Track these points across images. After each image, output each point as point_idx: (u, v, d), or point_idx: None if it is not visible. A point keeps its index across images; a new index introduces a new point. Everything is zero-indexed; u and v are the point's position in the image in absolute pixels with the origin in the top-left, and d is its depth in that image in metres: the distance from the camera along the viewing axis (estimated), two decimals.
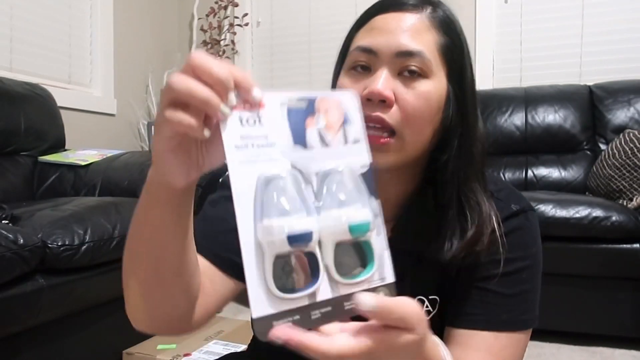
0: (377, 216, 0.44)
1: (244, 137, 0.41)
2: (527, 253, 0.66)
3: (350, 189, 0.44)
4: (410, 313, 0.40)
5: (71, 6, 2.52)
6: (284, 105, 0.43)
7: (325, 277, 0.41)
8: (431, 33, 0.63)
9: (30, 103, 1.96)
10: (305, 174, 0.43)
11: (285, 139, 0.43)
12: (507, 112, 2.51)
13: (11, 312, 1.18)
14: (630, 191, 1.99)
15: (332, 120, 0.45)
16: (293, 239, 0.39)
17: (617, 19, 2.56)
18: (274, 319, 0.39)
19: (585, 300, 1.86)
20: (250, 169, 0.41)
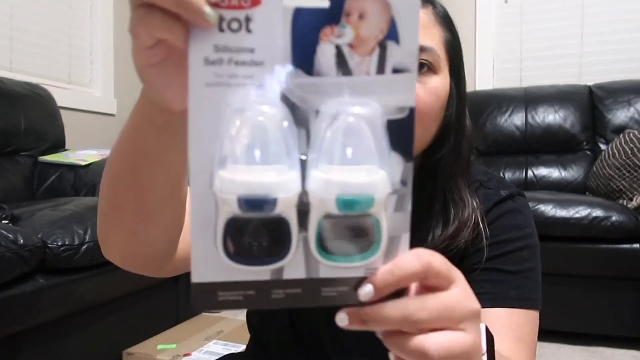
0: (404, 184, 0.32)
1: (220, 48, 0.29)
2: (524, 233, 0.67)
3: (364, 143, 0.30)
4: (412, 263, 0.33)
5: (71, 6, 2.52)
6: (292, 2, 0.30)
7: (301, 252, 0.31)
8: (437, 28, 0.64)
9: (30, 103, 1.96)
10: (300, 112, 0.31)
11: (279, 57, 0.30)
12: (507, 112, 2.51)
13: (11, 312, 1.18)
14: (630, 191, 1.99)
15: (367, 32, 0.31)
16: (246, 204, 0.29)
17: (617, 19, 2.56)
18: (220, 289, 0.31)
19: (585, 300, 1.86)
20: (218, 95, 0.30)
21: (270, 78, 0.30)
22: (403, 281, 0.33)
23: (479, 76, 2.77)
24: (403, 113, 0.32)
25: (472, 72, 2.77)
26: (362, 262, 0.32)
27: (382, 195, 0.31)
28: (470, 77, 2.77)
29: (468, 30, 2.77)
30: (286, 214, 0.30)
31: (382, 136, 0.31)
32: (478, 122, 2.55)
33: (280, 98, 0.30)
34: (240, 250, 0.31)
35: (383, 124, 0.31)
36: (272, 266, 0.31)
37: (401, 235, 0.33)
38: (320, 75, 0.30)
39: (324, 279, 0.32)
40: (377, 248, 0.32)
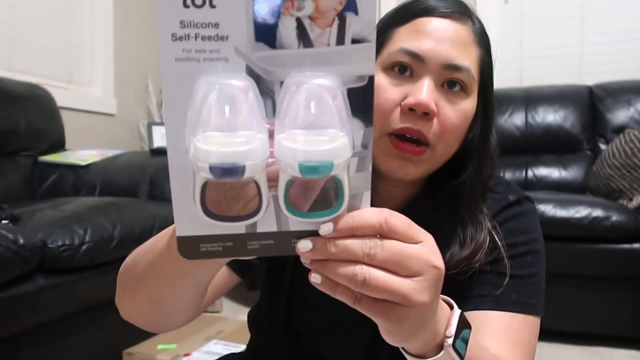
0: (365, 147, 0.35)
1: (187, 23, 0.30)
2: (529, 238, 0.66)
3: (326, 110, 0.32)
4: (371, 216, 0.36)
5: (71, 6, 2.52)
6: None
7: (272, 208, 0.34)
8: (474, 47, 0.62)
9: (30, 103, 1.96)
10: (266, 83, 0.32)
11: (243, 32, 0.31)
12: (507, 112, 2.52)
13: (11, 312, 1.18)
14: (630, 191, 1.99)
15: (326, 5, 0.32)
16: (217, 171, 0.31)
17: (617, 19, 2.56)
18: (201, 241, 0.35)
19: (585, 300, 1.86)
20: (188, 69, 0.31)
21: (235, 52, 0.31)
22: (361, 229, 0.35)
23: None
24: (363, 81, 0.33)
25: None
26: (326, 217, 0.35)
27: (342, 160, 0.32)
28: None
29: None
30: (256, 177, 0.32)
31: (343, 104, 0.33)
32: None
33: (245, 71, 0.32)
34: (223, 207, 0.33)
35: (343, 93, 0.33)
36: (246, 222, 0.34)
37: (363, 193, 0.36)
38: (282, 48, 0.32)
39: (293, 231, 0.35)
40: (341, 204, 0.35)
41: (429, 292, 0.37)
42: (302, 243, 0.35)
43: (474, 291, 0.63)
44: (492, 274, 0.63)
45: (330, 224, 0.35)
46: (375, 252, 0.35)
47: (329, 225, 0.35)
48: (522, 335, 0.61)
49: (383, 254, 0.35)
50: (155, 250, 0.49)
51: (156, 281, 0.49)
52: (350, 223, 0.35)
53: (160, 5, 0.30)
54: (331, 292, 0.37)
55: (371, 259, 0.35)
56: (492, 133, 0.67)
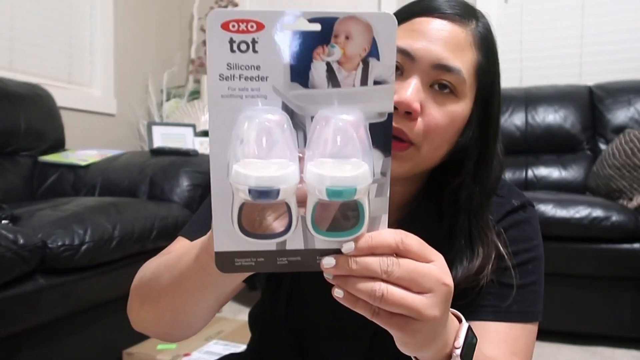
0: (384, 175, 0.39)
1: (232, 65, 0.36)
2: (530, 245, 0.66)
3: (350, 142, 0.37)
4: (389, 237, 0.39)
5: (71, 6, 2.52)
6: (289, 27, 0.36)
7: (300, 228, 0.39)
8: (472, 51, 0.60)
9: (30, 103, 1.96)
10: (299, 117, 0.37)
11: (280, 73, 0.36)
12: (507, 112, 2.52)
13: (11, 312, 1.18)
14: (630, 191, 1.99)
15: (352, 51, 0.37)
16: (255, 194, 0.35)
17: (617, 19, 2.56)
18: (236, 256, 0.39)
19: (585, 300, 1.86)
20: (232, 105, 0.36)
21: (273, 91, 0.36)
22: (379, 248, 0.39)
23: None
24: (383, 117, 0.38)
25: None
26: (348, 237, 0.39)
27: (364, 186, 0.37)
28: None
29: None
30: (288, 200, 0.37)
31: (365, 136, 0.37)
32: None
33: (281, 107, 0.37)
34: (257, 226, 0.38)
35: (366, 127, 0.38)
36: (277, 240, 0.39)
37: (381, 215, 0.40)
38: (314, 88, 0.37)
39: (318, 249, 0.39)
40: (362, 225, 0.39)
41: (439, 308, 0.40)
42: (327, 260, 0.39)
43: (476, 301, 0.64)
44: (494, 283, 0.63)
45: (352, 243, 0.38)
46: (392, 270, 0.38)
47: (350, 244, 0.39)
48: (519, 344, 0.62)
49: (399, 271, 0.38)
50: (181, 265, 0.51)
51: (182, 293, 0.52)
52: (369, 242, 0.39)
53: (211, 49, 0.35)
54: (352, 305, 0.40)
55: (388, 276, 0.38)
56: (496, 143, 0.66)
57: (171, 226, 1.61)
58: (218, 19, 0.35)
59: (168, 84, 3.05)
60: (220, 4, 3.08)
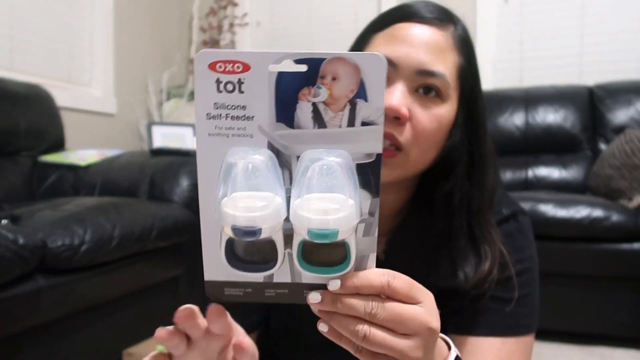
0: (372, 215, 0.39)
1: (219, 105, 0.36)
2: (523, 256, 0.65)
3: (337, 183, 0.36)
4: (374, 275, 0.39)
5: (71, 6, 2.52)
6: (276, 68, 0.36)
7: (287, 262, 0.39)
8: (453, 54, 0.61)
9: (30, 103, 1.96)
10: (285, 157, 0.37)
11: (266, 113, 0.37)
12: (507, 112, 2.51)
13: (11, 312, 1.18)
14: (630, 191, 1.99)
15: (339, 92, 0.36)
16: (239, 233, 0.36)
17: (617, 19, 2.56)
18: (225, 286, 0.40)
19: (585, 300, 1.85)
20: (219, 143, 0.37)
21: (259, 131, 0.37)
22: (365, 288, 0.39)
23: None
24: (371, 158, 0.38)
25: None
26: (335, 273, 0.39)
27: (347, 228, 0.36)
28: None
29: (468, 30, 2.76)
30: (274, 236, 0.37)
31: (352, 177, 0.37)
32: None
33: (267, 146, 0.37)
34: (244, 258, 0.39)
35: (352, 167, 0.37)
36: (264, 273, 0.39)
37: (369, 254, 0.40)
38: (299, 128, 0.37)
39: (305, 283, 0.40)
40: (348, 263, 0.39)
41: (423, 350, 0.40)
42: (313, 295, 0.39)
43: (469, 315, 0.63)
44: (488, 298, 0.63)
45: (338, 281, 0.39)
46: (376, 312, 0.38)
47: (336, 282, 0.39)
48: (514, 358, 0.62)
49: (383, 314, 0.38)
50: None
51: None
52: (355, 282, 0.39)
53: (198, 89, 0.36)
54: (336, 340, 0.40)
55: (372, 318, 0.38)
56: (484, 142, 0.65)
57: (171, 226, 1.61)
58: (205, 60, 0.36)
59: (168, 83, 3.05)
60: (220, 4, 3.08)
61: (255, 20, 3.18)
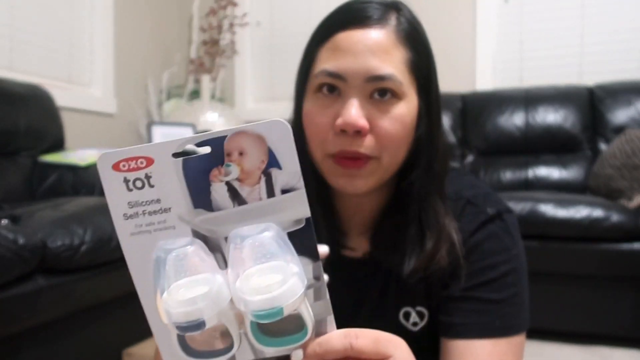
0: (317, 279, 0.37)
1: (133, 203, 0.35)
2: (509, 256, 0.65)
3: (273, 256, 0.35)
4: (335, 339, 0.38)
5: (71, 6, 2.52)
6: (179, 155, 0.35)
7: (245, 343, 0.37)
8: (399, 50, 0.60)
9: (30, 103, 1.96)
10: (212, 241, 0.36)
11: (182, 202, 0.35)
12: (507, 112, 2.51)
13: (11, 312, 1.18)
14: (630, 191, 1.99)
15: (250, 166, 0.35)
16: (182, 329, 0.35)
17: (617, 19, 2.56)
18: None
19: (585, 300, 1.85)
20: (143, 241, 0.36)
21: (180, 220, 0.36)
22: (328, 354, 0.37)
23: (479, 76, 2.76)
24: (300, 224, 0.36)
25: (472, 72, 2.77)
26: (296, 344, 0.37)
27: (292, 301, 0.34)
28: (470, 77, 2.77)
29: (468, 30, 2.77)
30: (223, 320, 0.36)
31: (286, 247, 0.35)
32: (478, 122, 2.55)
33: (192, 234, 0.36)
34: (193, 351, 0.37)
35: (284, 237, 0.36)
36: (224, 357, 0.37)
37: (326, 317, 0.38)
38: (219, 209, 0.36)
39: (270, 358, 0.38)
40: (306, 332, 0.37)
41: None
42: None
43: (459, 319, 0.63)
44: (476, 300, 0.63)
45: (300, 351, 0.37)
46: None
47: (298, 353, 0.37)
48: (507, 359, 0.62)
49: None
50: None
51: None
52: (317, 350, 0.37)
53: (108, 192, 0.35)
54: None
55: None
56: (439, 130, 0.65)
57: None
58: (108, 162, 0.35)
59: (168, 83, 3.05)
60: (220, 4, 3.08)
61: (255, 20, 3.18)
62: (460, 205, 0.67)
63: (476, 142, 2.57)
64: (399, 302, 0.68)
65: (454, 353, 0.62)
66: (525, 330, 0.65)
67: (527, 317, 0.65)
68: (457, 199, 0.67)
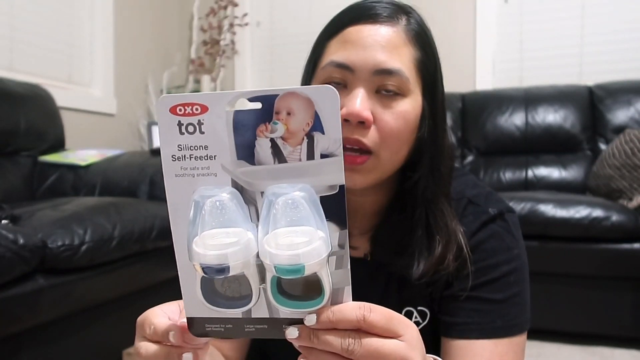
0: (342, 247, 0.39)
1: (183, 146, 0.37)
2: (510, 256, 0.65)
3: (303, 217, 0.36)
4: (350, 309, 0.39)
5: (71, 6, 2.52)
6: (232, 107, 0.37)
7: (263, 298, 0.39)
8: (407, 48, 0.60)
9: (30, 103, 1.96)
10: (248, 193, 0.38)
11: (227, 152, 0.37)
12: (507, 112, 2.51)
13: (11, 312, 1.18)
14: (630, 191, 1.99)
15: (295, 126, 0.37)
16: (209, 271, 0.37)
17: (617, 19, 2.56)
18: (206, 322, 0.40)
19: (585, 300, 1.86)
20: (186, 184, 0.38)
21: (222, 169, 0.38)
22: (341, 323, 0.38)
23: (479, 76, 2.76)
24: (334, 190, 0.37)
25: (472, 72, 2.77)
26: (311, 308, 0.39)
27: (315, 262, 0.36)
28: (470, 77, 2.77)
29: (468, 30, 2.77)
30: (245, 272, 0.38)
31: (316, 210, 0.37)
32: (478, 122, 2.55)
33: (231, 184, 0.38)
34: (222, 295, 0.40)
35: (316, 200, 0.37)
36: (240, 309, 0.39)
37: (344, 287, 0.39)
38: (260, 164, 0.38)
39: (283, 318, 0.40)
40: (323, 298, 0.38)
41: None
42: (290, 331, 0.39)
43: (461, 318, 0.63)
44: (478, 300, 0.63)
45: (314, 316, 0.38)
46: (353, 349, 0.38)
47: (312, 317, 0.38)
48: (507, 359, 0.62)
49: (360, 350, 0.38)
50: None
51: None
52: (330, 318, 0.38)
53: (162, 132, 0.37)
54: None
55: (349, 354, 0.38)
56: (445, 132, 0.65)
57: None
58: (166, 104, 0.37)
59: (168, 84, 3.05)
60: (220, 4, 3.08)
61: (255, 20, 3.18)
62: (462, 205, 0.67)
63: (476, 142, 2.57)
64: (400, 302, 0.68)
65: (455, 353, 0.62)
66: (526, 330, 0.65)
67: (529, 317, 0.65)
68: (458, 199, 0.67)
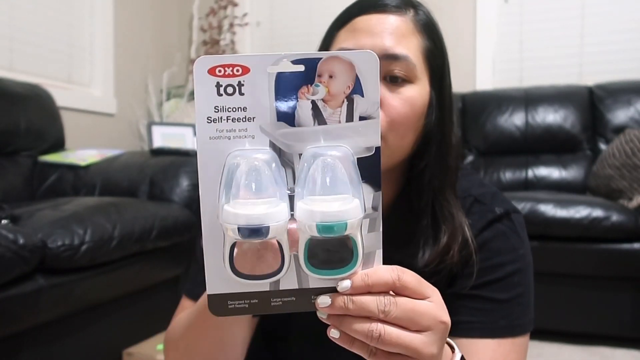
0: (375, 209, 0.39)
1: (220, 108, 0.37)
2: (516, 256, 0.65)
3: (339, 178, 0.37)
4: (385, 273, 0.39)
5: (71, 6, 2.52)
6: (274, 69, 0.37)
7: (293, 267, 0.38)
8: (415, 37, 0.61)
9: (30, 103, 1.96)
10: (286, 155, 0.38)
11: (267, 114, 0.37)
12: (507, 112, 2.51)
13: (11, 312, 1.18)
14: (630, 191, 1.99)
15: (336, 89, 0.38)
16: (245, 232, 0.36)
17: (617, 19, 2.56)
18: (229, 299, 0.39)
19: (585, 300, 1.86)
20: (221, 146, 0.37)
21: (260, 131, 0.37)
22: (375, 286, 0.38)
23: (479, 76, 2.76)
24: (370, 152, 0.39)
25: (472, 72, 2.77)
26: (343, 274, 0.38)
27: (355, 220, 0.37)
28: (470, 77, 2.77)
29: (468, 30, 2.77)
30: (279, 238, 0.37)
31: (354, 171, 0.38)
32: (478, 122, 2.55)
33: (269, 146, 0.38)
34: (249, 266, 0.38)
35: (354, 162, 0.38)
36: (270, 280, 0.38)
37: (375, 251, 0.39)
38: (300, 126, 0.38)
39: (313, 288, 0.39)
40: (356, 262, 0.38)
41: (437, 345, 0.40)
42: (322, 299, 0.38)
43: (464, 317, 0.63)
44: (481, 299, 0.63)
45: (348, 281, 0.38)
46: (389, 310, 0.38)
47: (346, 282, 0.38)
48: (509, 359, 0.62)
49: (397, 311, 0.38)
50: (193, 315, 0.58)
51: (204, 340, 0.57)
52: (366, 280, 0.38)
53: (199, 94, 0.36)
54: (348, 346, 0.39)
55: (386, 316, 0.38)
56: (452, 124, 0.66)
57: (171, 226, 1.61)
58: (205, 65, 0.37)
59: (168, 84, 3.05)
60: (220, 4, 3.08)
61: (255, 20, 3.18)
62: (468, 203, 0.67)
63: (476, 142, 2.57)
64: None
65: None
66: (530, 330, 0.65)
67: (532, 318, 0.65)
68: (464, 196, 0.67)
